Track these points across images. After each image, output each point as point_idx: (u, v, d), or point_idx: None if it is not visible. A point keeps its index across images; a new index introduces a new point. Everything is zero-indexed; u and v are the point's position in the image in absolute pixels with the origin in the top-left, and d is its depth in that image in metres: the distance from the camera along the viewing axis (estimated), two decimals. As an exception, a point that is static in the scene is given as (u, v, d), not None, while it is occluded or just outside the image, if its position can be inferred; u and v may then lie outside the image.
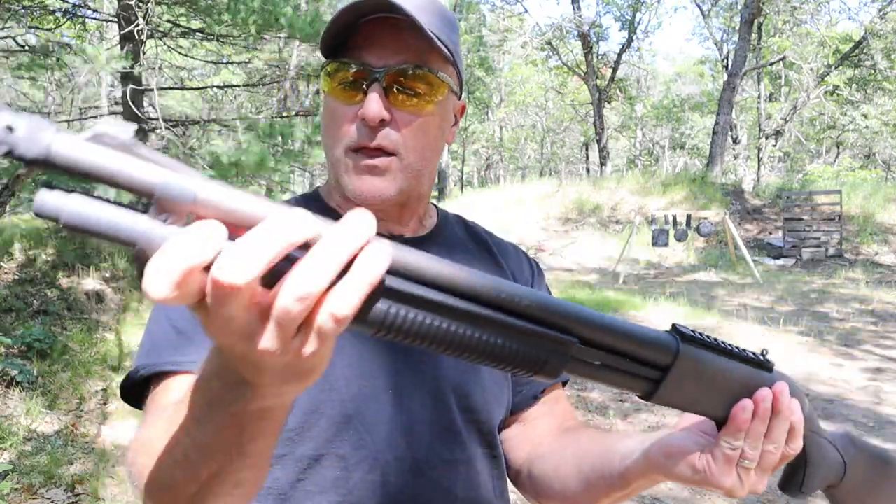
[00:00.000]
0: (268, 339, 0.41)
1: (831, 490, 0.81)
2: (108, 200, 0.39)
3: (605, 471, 0.84)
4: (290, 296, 0.40)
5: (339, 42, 0.85)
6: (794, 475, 0.78)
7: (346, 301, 0.40)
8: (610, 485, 0.83)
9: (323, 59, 0.88)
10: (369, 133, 0.84)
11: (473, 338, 0.49)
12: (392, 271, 0.44)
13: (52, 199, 0.38)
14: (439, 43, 0.83)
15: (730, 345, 0.68)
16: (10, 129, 0.35)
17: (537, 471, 0.97)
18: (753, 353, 0.70)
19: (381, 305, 0.44)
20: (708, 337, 0.66)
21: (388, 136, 0.85)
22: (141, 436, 0.67)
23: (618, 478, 0.81)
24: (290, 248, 0.39)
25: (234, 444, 0.51)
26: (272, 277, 0.41)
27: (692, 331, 0.65)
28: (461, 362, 0.92)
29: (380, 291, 0.43)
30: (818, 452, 0.78)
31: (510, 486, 1.02)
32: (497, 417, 0.97)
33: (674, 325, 0.65)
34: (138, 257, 0.39)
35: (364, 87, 0.83)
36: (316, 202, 0.97)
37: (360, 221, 0.41)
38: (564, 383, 1.08)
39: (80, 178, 0.38)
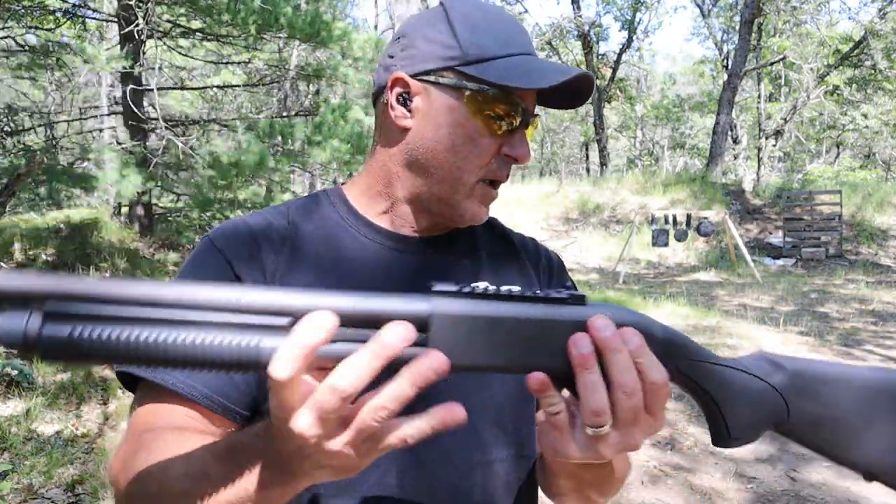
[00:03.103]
0: (303, 423, 0.50)
1: (784, 427, 0.64)
2: None
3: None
4: (325, 387, 0.49)
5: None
6: (714, 424, 0.64)
7: (387, 401, 0.50)
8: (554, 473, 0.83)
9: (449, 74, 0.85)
10: (507, 169, 0.89)
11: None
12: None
13: None
14: None
15: (508, 290, 0.56)
16: None
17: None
18: (550, 292, 0.57)
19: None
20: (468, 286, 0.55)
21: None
22: (140, 456, 0.69)
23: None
24: (323, 343, 0.49)
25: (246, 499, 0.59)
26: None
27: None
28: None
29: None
30: (727, 387, 0.62)
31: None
32: (526, 413, 0.92)
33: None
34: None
35: (510, 124, 0.87)
36: (318, 209, 0.93)
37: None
38: None
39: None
